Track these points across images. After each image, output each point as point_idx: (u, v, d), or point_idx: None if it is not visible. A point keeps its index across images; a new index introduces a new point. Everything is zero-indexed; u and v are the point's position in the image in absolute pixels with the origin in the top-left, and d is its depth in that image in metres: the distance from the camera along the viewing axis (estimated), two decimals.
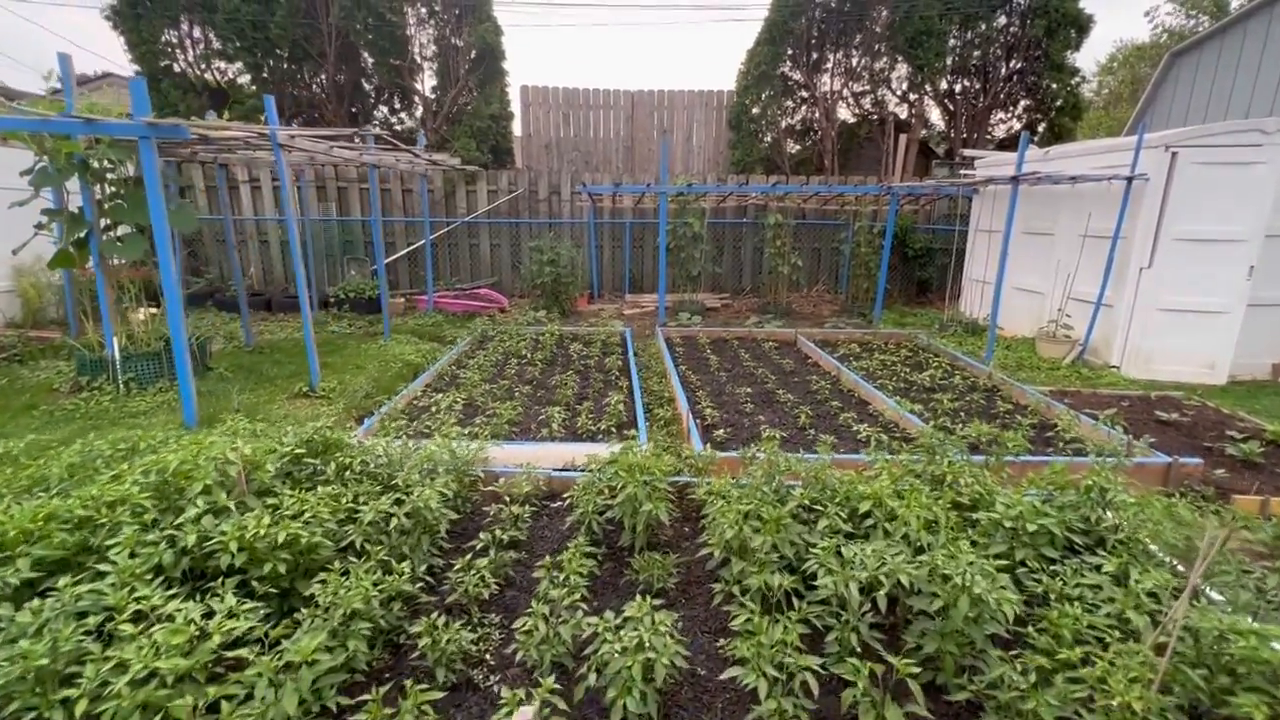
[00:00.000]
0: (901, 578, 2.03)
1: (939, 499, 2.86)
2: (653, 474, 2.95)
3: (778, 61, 11.09)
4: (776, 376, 6.23)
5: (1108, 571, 2.39)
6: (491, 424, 4.53)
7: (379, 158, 7.03)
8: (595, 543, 3.06)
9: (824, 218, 10.95)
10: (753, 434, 4.66)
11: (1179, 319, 6.40)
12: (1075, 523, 2.77)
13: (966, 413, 5.20)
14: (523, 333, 7.64)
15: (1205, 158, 6.05)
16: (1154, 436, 4.77)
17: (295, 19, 10.03)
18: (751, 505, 2.49)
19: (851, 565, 2.17)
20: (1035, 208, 7.89)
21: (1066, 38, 11.10)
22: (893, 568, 2.08)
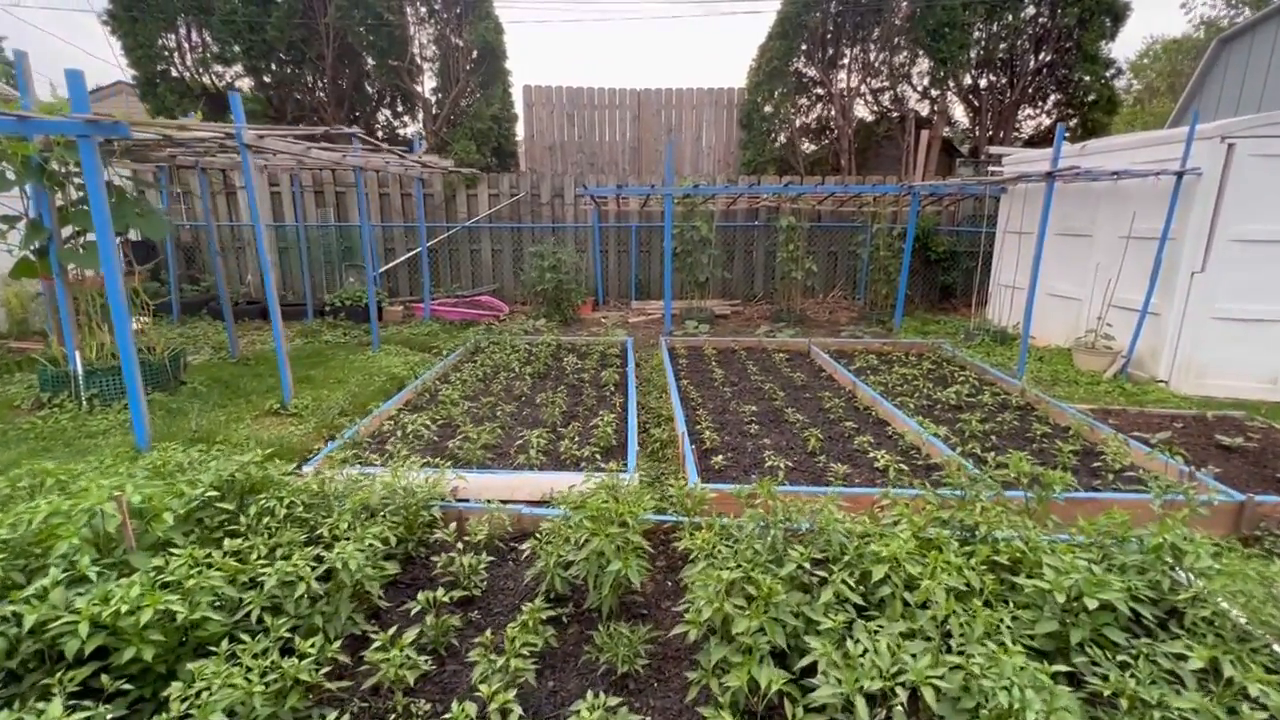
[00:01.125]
0: (924, 691, 1.54)
1: (972, 557, 2.35)
2: (627, 521, 2.48)
3: (791, 57, 10.58)
4: (786, 392, 5.72)
5: (1194, 665, 1.86)
6: (465, 449, 4.10)
7: (365, 160, 6.67)
8: (560, 600, 2.61)
9: (840, 220, 10.39)
10: (756, 460, 4.17)
11: (1236, 328, 5.77)
12: (1142, 589, 2.24)
13: (999, 435, 4.64)
14: (516, 343, 7.22)
15: (1267, 149, 5.43)
16: (1217, 466, 4.18)
17: (292, 20, 9.78)
18: (739, 572, 2.01)
19: (859, 665, 1.67)
20: (1070, 207, 7.28)
21: (1101, 27, 10.43)
22: (914, 673, 1.59)
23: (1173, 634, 2.16)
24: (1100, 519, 2.59)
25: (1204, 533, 3.44)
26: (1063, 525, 2.76)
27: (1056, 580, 2.10)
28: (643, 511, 2.76)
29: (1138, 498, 3.45)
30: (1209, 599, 2.10)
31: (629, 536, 2.43)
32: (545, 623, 2.41)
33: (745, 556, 2.24)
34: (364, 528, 2.51)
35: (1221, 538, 3.40)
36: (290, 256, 10.38)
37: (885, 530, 2.49)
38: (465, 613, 2.61)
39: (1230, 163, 5.50)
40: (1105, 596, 2.03)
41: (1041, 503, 2.74)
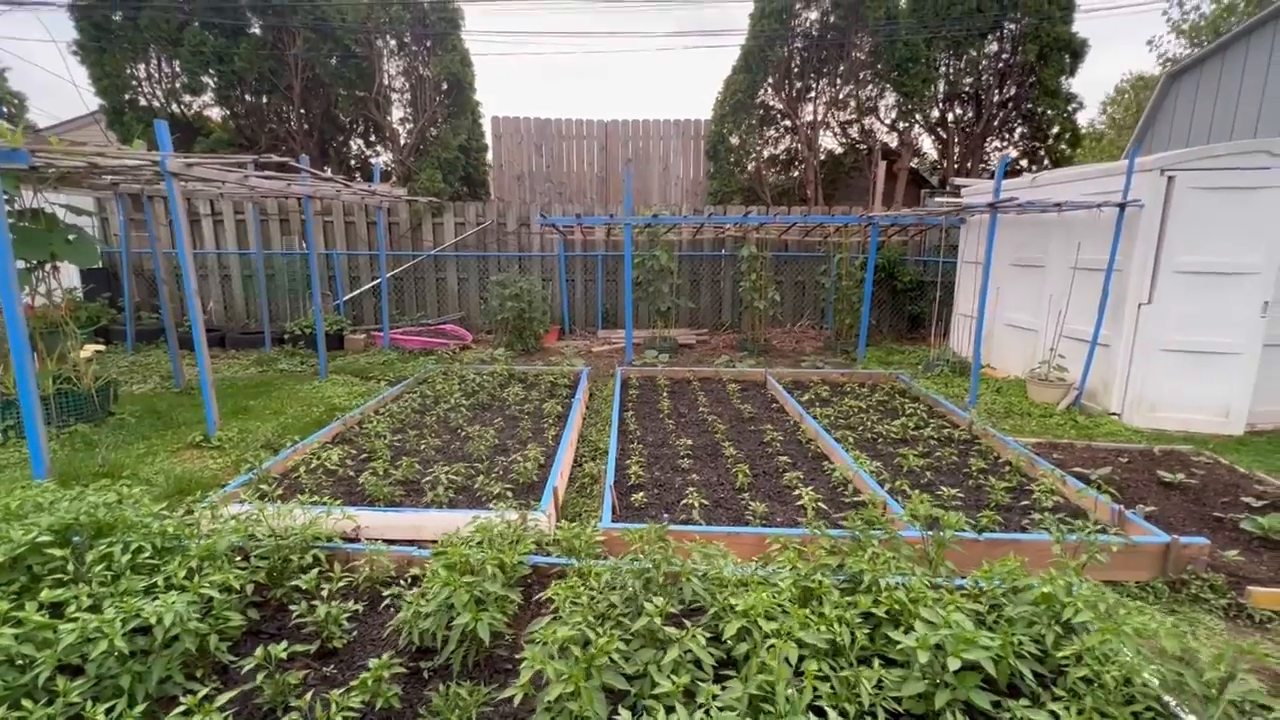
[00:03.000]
0: None
1: (850, 608, 2.20)
2: (487, 568, 2.33)
3: (756, 90, 10.72)
4: (731, 424, 5.59)
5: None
6: (374, 485, 3.93)
7: (314, 188, 6.63)
8: (427, 652, 2.43)
9: (806, 250, 10.40)
10: (680, 497, 4.01)
11: (1186, 360, 5.69)
12: (1028, 646, 2.09)
13: (936, 471, 4.51)
14: (466, 373, 7.09)
15: (1206, 182, 5.43)
16: (1154, 504, 4.05)
17: (261, 51, 9.87)
18: (576, 630, 1.86)
19: None
20: (1026, 237, 7.28)
21: (1060, 63, 10.62)
22: None
23: (1055, 695, 2.01)
24: (996, 565, 2.45)
25: (1129, 576, 3.31)
26: (959, 571, 2.61)
27: (923, 637, 1.95)
28: (517, 556, 2.62)
29: (1056, 540, 3.30)
30: (1089, 656, 1.95)
31: (485, 586, 2.28)
32: (395, 679, 2.25)
33: (597, 609, 2.09)
34: (210, 573, 2.35)
35: (1147, 581, 3.26)
36: (252, 285, 10.29)
37: (764, 577, 2.34)
38: (322, 667, 2.43)
39: (1171, 195, 5.50)
40: (971, 656, 1.88)
41: (939, 545, 2.60)
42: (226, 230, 10.19)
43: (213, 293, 10.38)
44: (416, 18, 9.95)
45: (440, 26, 9.88)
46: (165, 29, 9.68)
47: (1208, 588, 3.16)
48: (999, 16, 10.61)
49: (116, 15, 9.64)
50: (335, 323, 9.60)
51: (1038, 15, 10.30)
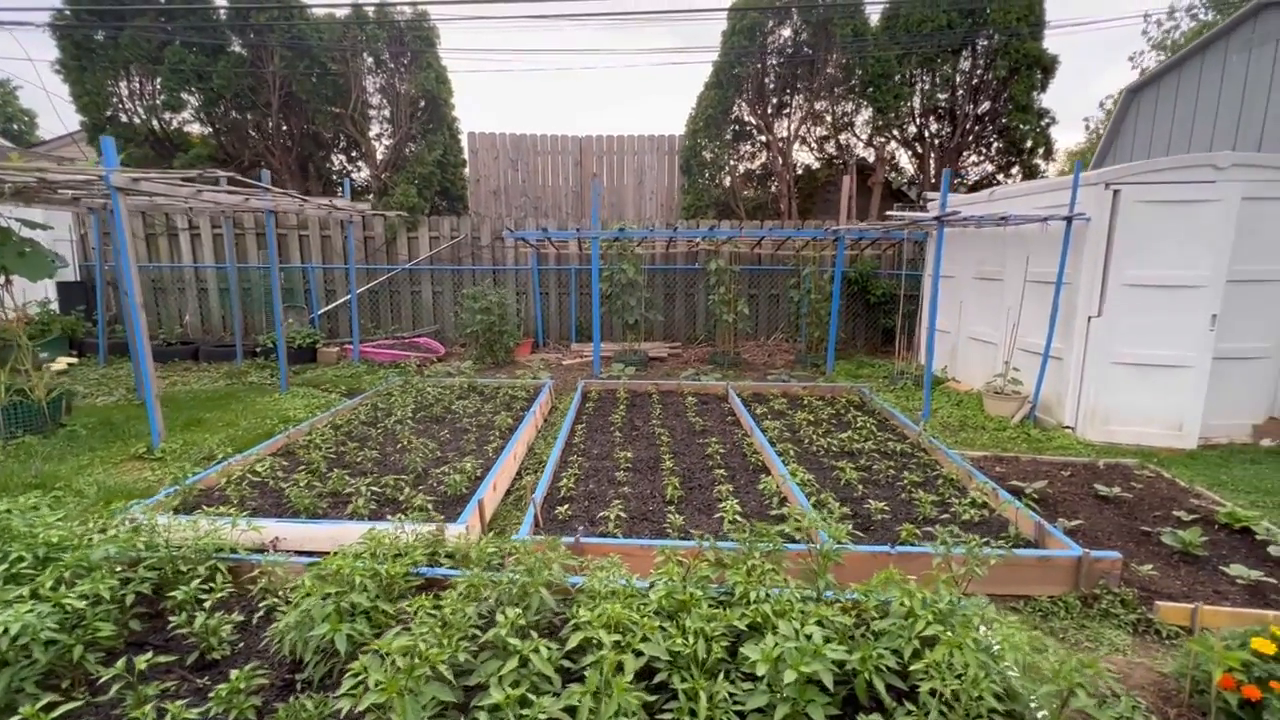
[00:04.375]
0: None
1: (715, 621, 2.19)
2: (356, 579, 2.32)
3: (729, 106, 10.82)
4: (680, 438, 5.58)
5: None
6: (298, 496, 3.93)
7: (275, 203, 6.70)
8: (300, 664, 2.41)
9: (780, 264, 10.44)
10: (607, 510, 4.00)
11: (1137, 373, 5.67)
12: (887, 660, 2.07)
13: (873, 484, 4.49)
14: (426, 386, 7.11)
15: (1152, 195, 5.45)
16: (1085, 518, 4.02)
17: (239, 69, 10.03)
18: (411, 641, 1.85)
19: None
20: (986, 251, 7.30)
21: (1030, 79, 10.70)
22: None
23: (908, 710, 1.99)
24: (873, 579, 2.44)
25: (1043, 590, 3.28)
26: (842, 585, 2.58)
27: (766, 650, 1.94)
28: (402, 568, 2.61)
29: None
30: (935, 670, 1.93)
31: (352, 598, 2.27)
32: (266, 691, 2.24)
33: (454, 621, 2.08)
34: (83, 584, 2.35)
35: (1059, 596, 3.23)
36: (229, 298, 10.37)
37: (637, 590, 2.33)
38: (198, 679, 2.42)
39: (1117, 209, 5.51)
40: (808, 669, 1.87)
41: (824, 558, 2.58)
42: (203, 244, 10.29)
43: (189, 306, 10.46)
44: (393, 36, 10.12)
45: (416, 44, 10.03)
46: (146, 47, 9.86)
47: (1118, 602, 3.12)
48: (969, 33, 10.72)
49: (98, 34, 9.83)
50: (309, 336, 9.64)
51: (1007, 32, 10.40)
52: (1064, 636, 2.98)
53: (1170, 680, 2.48)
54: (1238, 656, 2.19)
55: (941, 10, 10.49)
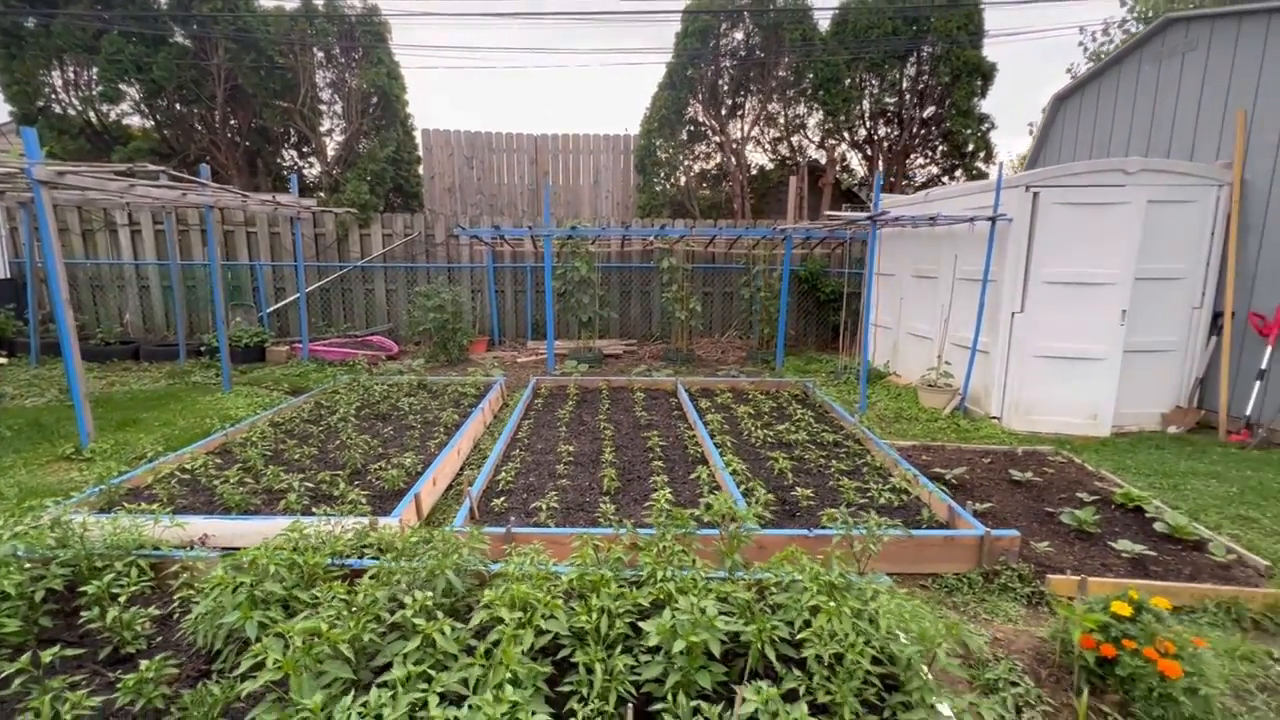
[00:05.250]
0: None
1: (618, 599, 2.30)
2: (270, 569, 2.36)
3: (682, 106, 10.98)
4: (625, 432, 5.69)
5: (748, 710, 1.81)
6: (229, 493, 3.91)
7: (216, 198, 6.57)
8: (213, 657, 2.43)
9: (734, 263, 10.64)
10: (543, 501, 4.08)
11: (1056, 366, 6.00)
12: (780, 631, 2.21)
13: (803, 472, 4.67)
14: (374, 383, 7.06)
15: (1068, 198, 5.77)
16: (998, 500, 4.27)
17: (182, 61, 9.76)
18: (314, 623, 1.91)
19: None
20: (922, 250, 7.59)
21: (971, 85, 11.14)
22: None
23: (795, 675, 2.13)
24: (772, 558, 2.58)
25: (949, 568, 3.48)
26: (750, 564, 2.72)
27: (661, 623, 2.06)
28: (322, 558, 2.65)
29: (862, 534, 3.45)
30: (816, 637, 2.08)
31: (267, 587, 2.31)
32: (172, 682, 2.27)
33: (363, 604, 2.14)
34: None
35: (964, 572, 3.43)
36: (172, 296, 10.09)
37: (550, 573, 2.43)
38: (111, 672, 2.42)
39: (1037, 210, 5.82)
40: (697, 639, 1.99)
41: (734, 539, 2.71)
42: (144, 240, 9.98)
43: (129, 304, 10.13)
44: (343, 31, 9.97)
45: (366, 40, 9.91)
46: (81, 36, 9.51)
47: (1016, 577, 3.34)
48: (914, 40, 11.10)
49: (29, 22, 9.44)
50: (257, 335, 9.45)
51: (948, 40, 10.81)
52: (965, 609, 3.17)
53: (1046, 644, 2.69)
54: (1096, 619, 2.40)
55: (887, 18, 10.84)
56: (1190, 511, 4.18)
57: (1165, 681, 2.20)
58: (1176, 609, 3.11)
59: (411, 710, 1.64)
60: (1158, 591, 3.14)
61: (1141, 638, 2.32)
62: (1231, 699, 2.40)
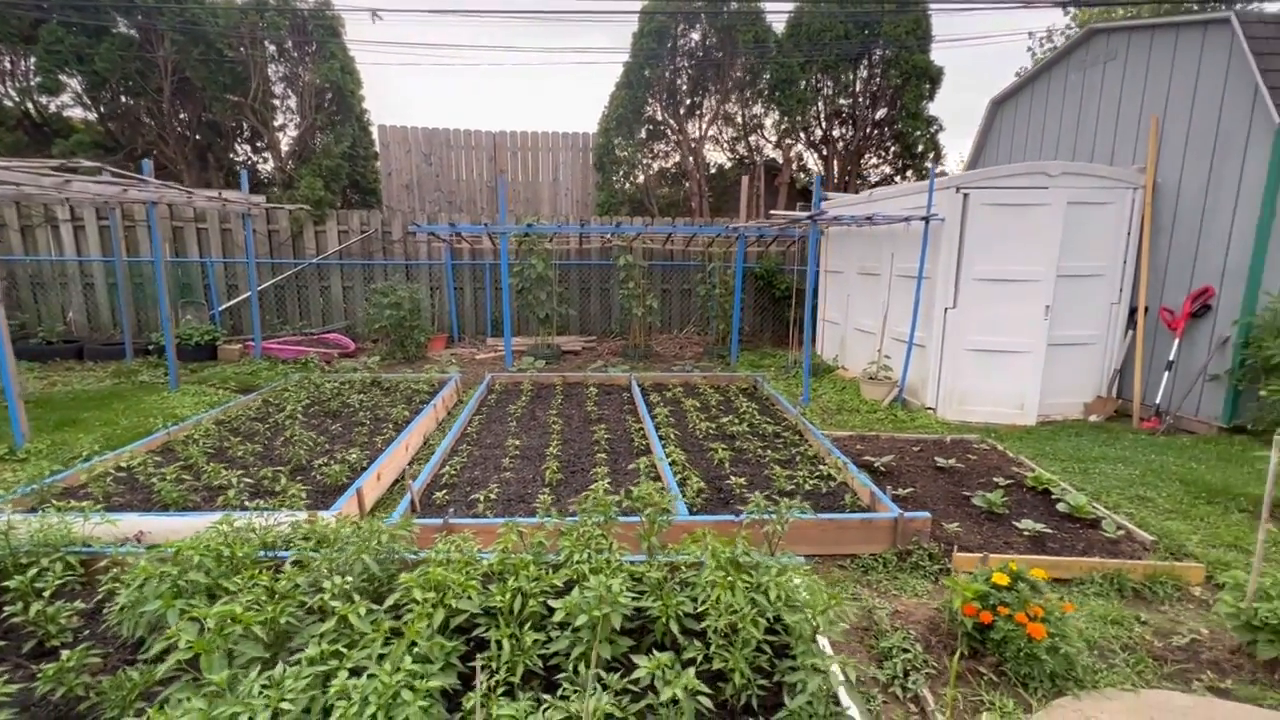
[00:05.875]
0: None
1: (536, 581, 2.43)
2: (195, 558, 2.43)
3: (639, 105, 11.12)
4: (575, 426, 5.81)
5: (640, 674, 1.97)
6: (168, 490, 3.92)
7: (159, 194, 6.48)
8: (139, 647, 2.49)
9: (692, 260, 10.83)
10: (485, 493, 4.19)
11: (986, 359, 6.32)
12: (685, 606, 2.37)
13: (740, 462, 4.86)
14: (326, 381, 7.05)
15: (995, 199, 6.07)
16: (921, 485, 4.51)
17: (126, 52, 9.52)
18: (228, 607, 2.00)
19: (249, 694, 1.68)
20: (867, 248, 7.87)
21: (920, 89, 11.52)
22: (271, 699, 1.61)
23: (695, 645, 2.29)
24: (683, 540, 2.74)
25: (867, 549, 3.70)
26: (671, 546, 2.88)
27: (568, 600, 2.20)
28: (252, 549, 2.72)
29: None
30: (714, 609, 2.24)
31: (191, 577, 2.38)
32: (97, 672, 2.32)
33: (283, 590, 2.24)
34: None
35: (880, 552, 3.65)
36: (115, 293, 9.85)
37: (470, 558, 2.55)
38: (37, 664, 2.46)
39: (967, 210, 6.11)
40: (599, 613, 2.14)
41: (652, 525, 2.87)
42: (89, 236, 9.72)
43: (73, 302, 9.86)
44: (295, 25, 9.84)
45: (319, 34, 9.80)
46: (17, 25, 9.21)
47: (926, 556, 3.57)
48: (866, 43, 11.41)
49: None
50: (208, 333, 9.30)
51: (898, 44, 11.15)
52: (877, 586, 3.39)
53: (940, 614, 2.91)
54: (977, 589, 2.62)
55: (840, 21, 11.13)
56: (1094, 493, 4.49)
57: (1032, 643, 2.42)
58: (1068, 581, 3.38)
59: (315, 681, 1.75)
60: (1050, 566, 3.41)
61: (1015, 605, 2.54)
62: (1096, 657, 2.65)
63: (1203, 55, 5.92)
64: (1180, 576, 3.36)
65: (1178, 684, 2.49)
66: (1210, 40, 5.84)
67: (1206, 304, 5.90)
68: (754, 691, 2.17)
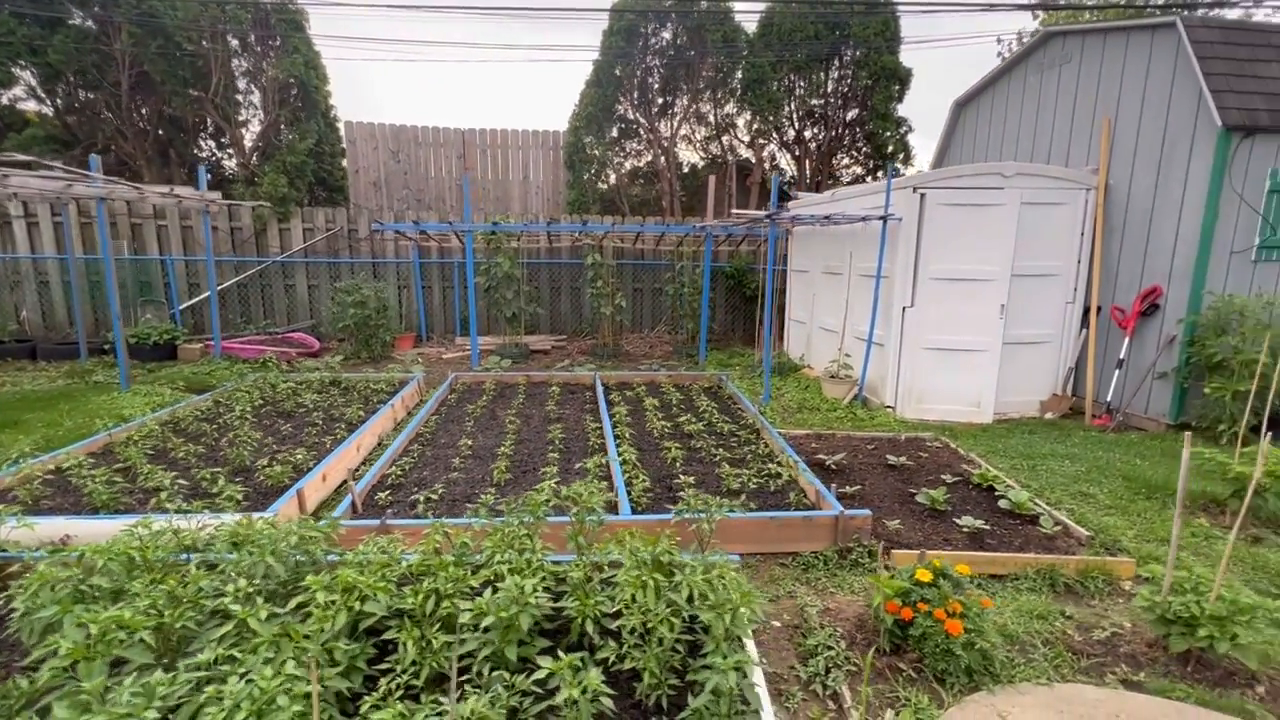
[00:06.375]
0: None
1: (456, 582, 2.40)
2: (98, 562, 2.36)
3: (610, 104, 11.09)
4: (534, 425, 5.77)
5: (540, 675, 1.94)
6: (98, 492, 3.83)
7: (109, 190, 6.33)
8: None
9: (663, 259, 10.82)
10: (429, 494, 4.14)
11: (943, 358, 6.37)
12: (603, 605, 2.35)
13: (693, 461, 4.85)
14: (282, 381, 6.94)
15: (951, 199, 6.13)
16: (871, 483, 4.54)
17: (82, 45, 9.29)
18: (118, 613, 1.94)
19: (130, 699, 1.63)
20: (830, 248, 7.91)
21: (889, 90, 11.62)
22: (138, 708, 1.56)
23: (608, 644, 2.27)
24: (604, 539, 2.72)
25: (809, 546, 3.71)
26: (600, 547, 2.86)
27: (479, 602, 2.17)
28: (165, 552, 2.66)
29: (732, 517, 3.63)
30: (628, 609, 2.22)
31: (94, 581, 2.31)
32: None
33: (187, 594, 2.18)
34: None
35: (822, 550, 3.66)
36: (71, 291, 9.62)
37: (388, 559, 2.50)
38: None
39: (924, 210, 6.16)
40: (507, 614, 2.11)
41: (580, 524, 2.85)
42: (43, 233, 9.48)
43: (26, 301, 9.61)
44: (258, 19, 9.68)
45: (282, 28, 9.64)
46: None
47: (866, 553, 3.59)
48: (836, 45, 11.48)
49: None
50: (167, 332, 9.12)
51: (867, 46, 11.23)
52: (815, 584, 3.39)
53: (868, 611, 2.92)
54: (898, 585, 2.63)
55: (810, 22, 11.18)
56: (1039, 489, 4.54)
57: (949, 639, 2.43)
58: (1003, 576, 3.41)
59: (194, 687, 1.70)
60: (987, 562, 3.44)
61: (936, 601, 2.56)
62: (1017, 652, 2.67)
63: (1151, 59, 6.03)
64: (1112, 571, 3.40)
65: (1093, 677, 2.52)
66: (1158, 44, 5.95)
67: (1155, 303, 6.00)
68: (665, 691, 2.16)
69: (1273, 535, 3.85)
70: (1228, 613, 2.43)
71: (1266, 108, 5.41)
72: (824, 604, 3.10)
